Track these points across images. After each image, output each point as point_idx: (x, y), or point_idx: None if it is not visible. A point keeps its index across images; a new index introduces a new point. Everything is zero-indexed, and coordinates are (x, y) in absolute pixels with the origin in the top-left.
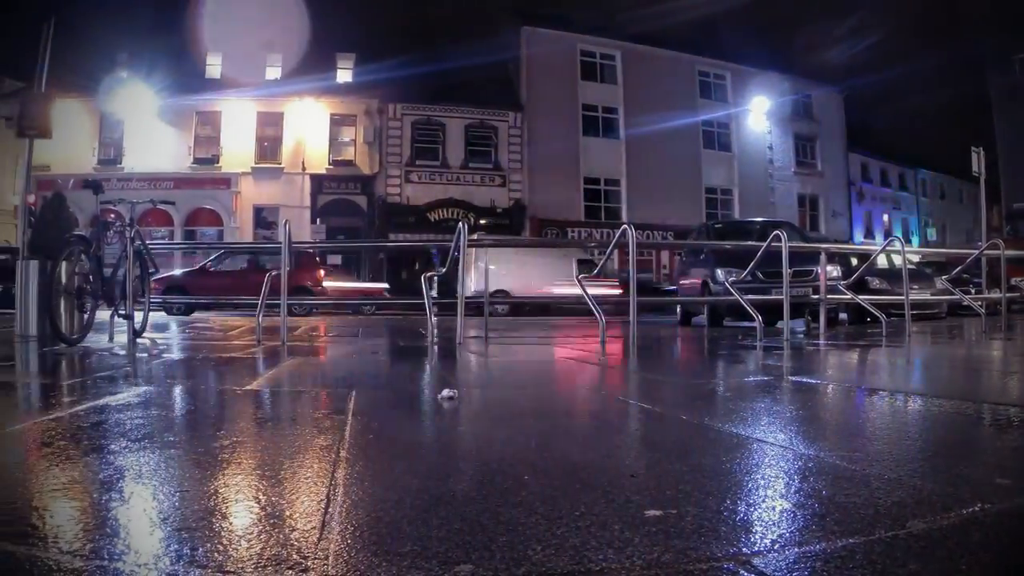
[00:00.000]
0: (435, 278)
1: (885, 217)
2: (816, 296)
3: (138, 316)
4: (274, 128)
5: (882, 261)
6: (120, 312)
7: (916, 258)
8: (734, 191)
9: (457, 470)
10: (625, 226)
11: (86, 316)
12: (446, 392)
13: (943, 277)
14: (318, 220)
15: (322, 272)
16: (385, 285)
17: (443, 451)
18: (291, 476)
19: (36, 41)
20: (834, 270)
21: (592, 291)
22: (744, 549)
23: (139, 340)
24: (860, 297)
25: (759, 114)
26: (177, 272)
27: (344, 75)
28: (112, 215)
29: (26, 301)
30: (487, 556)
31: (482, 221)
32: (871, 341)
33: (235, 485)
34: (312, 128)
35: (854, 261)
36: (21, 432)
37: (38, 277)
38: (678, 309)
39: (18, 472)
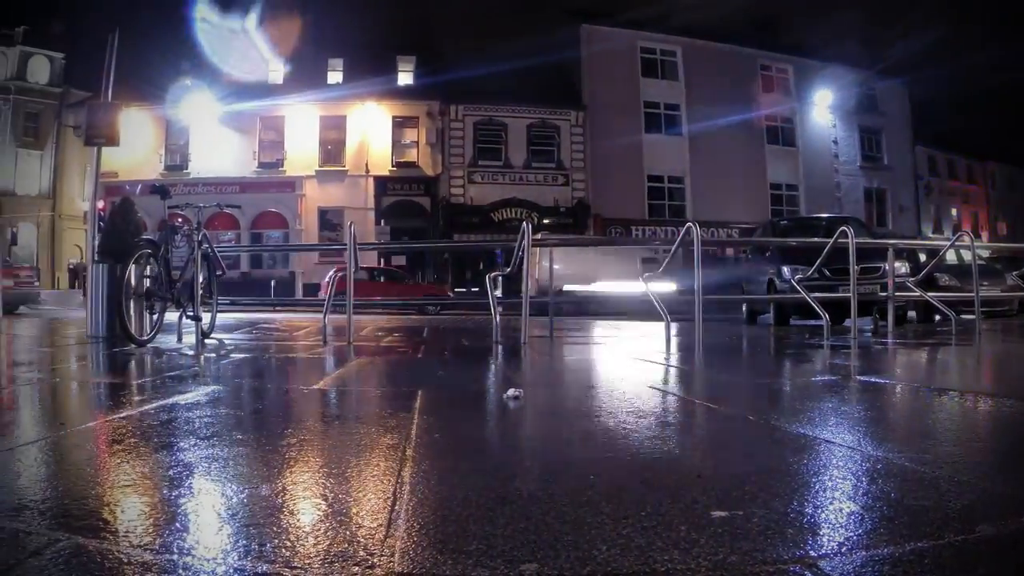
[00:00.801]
0: (500, 278)
1: (954, 211)
2: (884, 293)
3: (206, 317)
4: (337, 131)
5: (951, 257)
6: (188, 313)
7: (986, 253)
8: (799, 187)
9: (523, 469)
10: (689, 224)
11: (155, 317)
12: (511, 392)
13: (1014, 273)
14: (382, 221)
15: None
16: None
17: (509, 450)
18: (358, 474)
19: (101, 52)
20: (902, 267)
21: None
22: (811, 552)
23: (207, 340)
24: (929, 294)
25: (823, 108)
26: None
27: (405, 78)
28: (179, 219)
29: (96, 303)
30: (552, 555)
31: (546, 221)
32: (940, 340)
33: (302, 482)
34: (375, 131)
35: (922, 257)
36: (92, 429)
37: (108, 280)
38: (743, 308)
39: (89, 468)
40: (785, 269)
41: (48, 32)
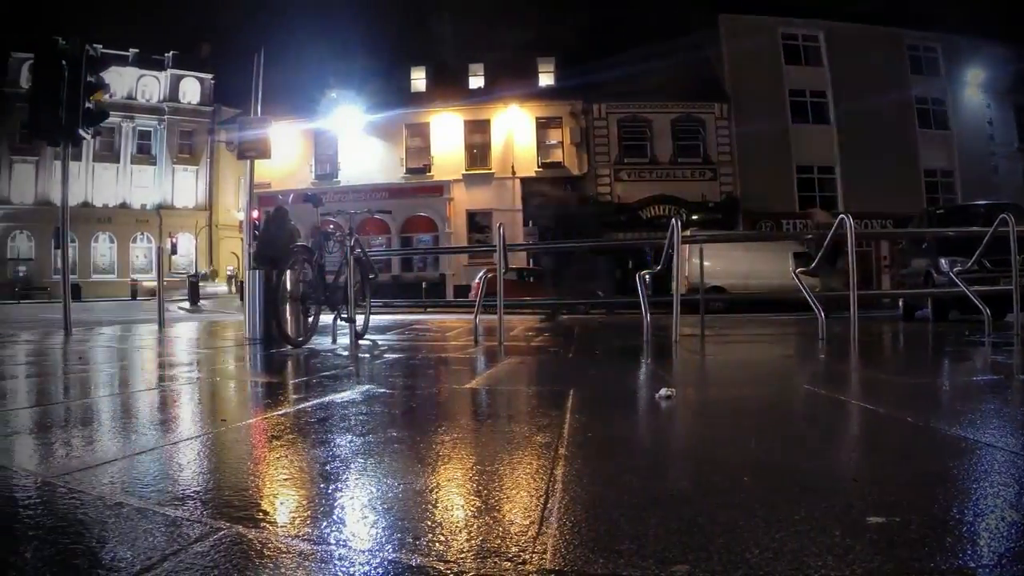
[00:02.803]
0: (649, 276)
1: None
2: None
3: (359, 319)
4: (482, 135)
5: None
6: (343, 316)
7: None
8: (955, 172)
9: (674, 469)
10: (842, 216)
11: (310, 320)
12: (663, 391)
13: None
14: (530, 222)
15: None
16: None
17: (660, 450)
18: (510, 472)
19: (249, 71)
20: None
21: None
22: (970, 563)
23: (361, 341)
24: None
25: (975, 87)
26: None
27: (546, 79)
28: (332, 225)
29: (254, 307)
30: (704, 557)
31: (694, 216)
32: None
33: (455, 479)
34: (519, 132)
35: None
36: (253, 426)
37: (264, 285)
38: (900, 303)
39: (250, 462)
40: (943, 261)
41: (197, 55)
